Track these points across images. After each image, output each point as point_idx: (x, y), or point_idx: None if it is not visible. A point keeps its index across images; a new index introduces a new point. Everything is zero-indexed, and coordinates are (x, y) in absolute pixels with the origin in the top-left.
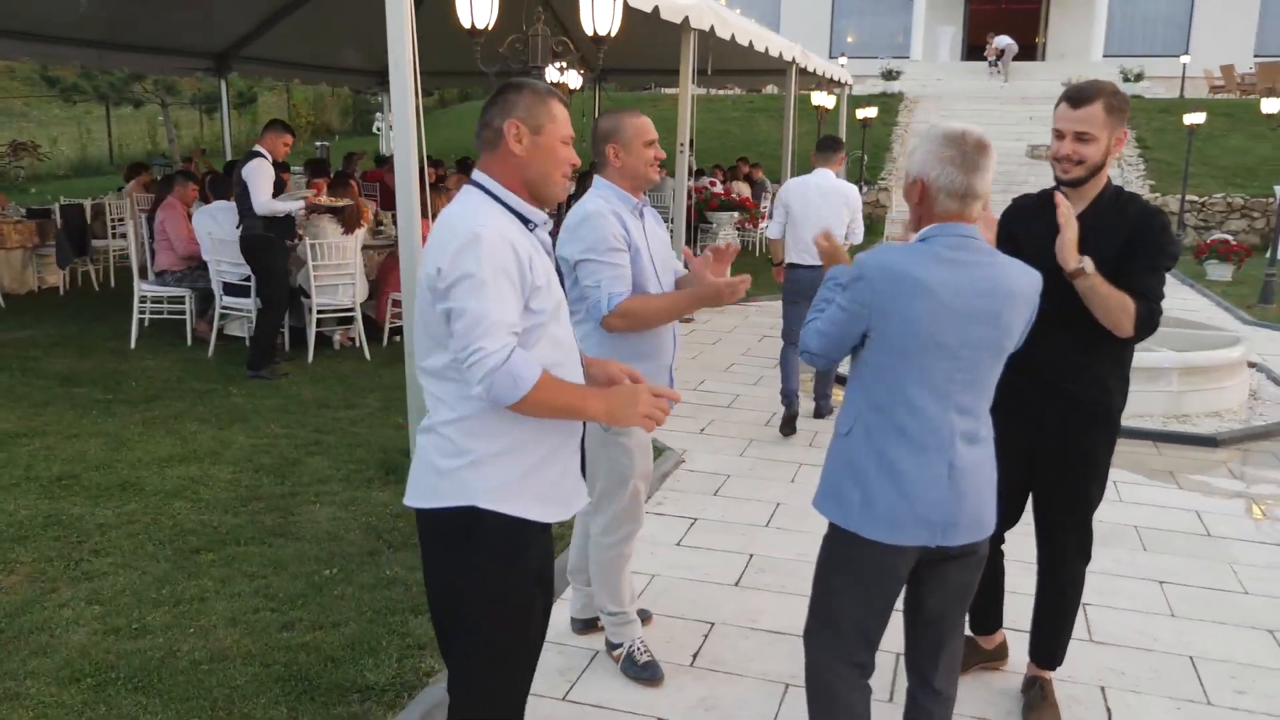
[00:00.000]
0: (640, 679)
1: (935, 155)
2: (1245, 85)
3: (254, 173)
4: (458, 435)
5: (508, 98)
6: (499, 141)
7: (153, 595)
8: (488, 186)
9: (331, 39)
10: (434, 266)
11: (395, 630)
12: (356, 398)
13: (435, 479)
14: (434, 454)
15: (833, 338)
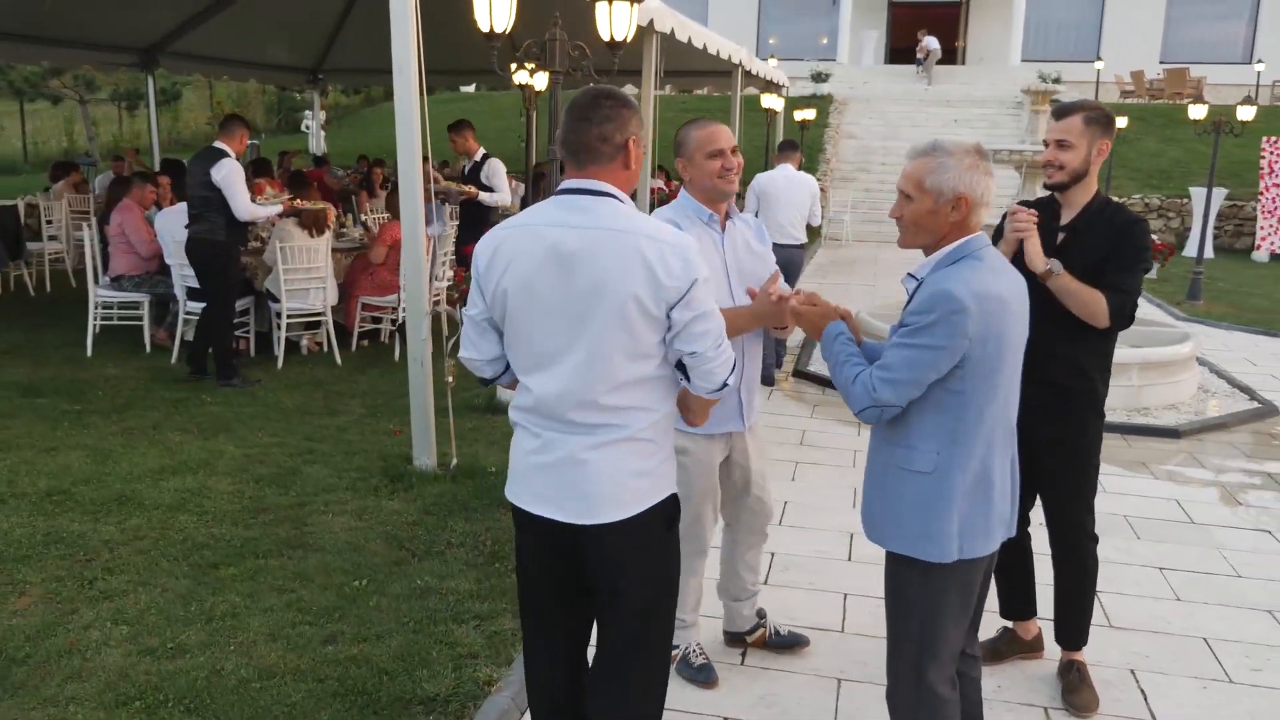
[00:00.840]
0: (695, 680)
1: (975, 169)
2: (1154, 90)
3: (233, 177)
4: (657, 435)
5: (622, 114)
6: (621, 156)
7: (180, 613)
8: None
9: (262, 35)
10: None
11: (442, 640)
12: (338, 404)
13: (636, 481)
14: (633, 460)
15: (918, 382)
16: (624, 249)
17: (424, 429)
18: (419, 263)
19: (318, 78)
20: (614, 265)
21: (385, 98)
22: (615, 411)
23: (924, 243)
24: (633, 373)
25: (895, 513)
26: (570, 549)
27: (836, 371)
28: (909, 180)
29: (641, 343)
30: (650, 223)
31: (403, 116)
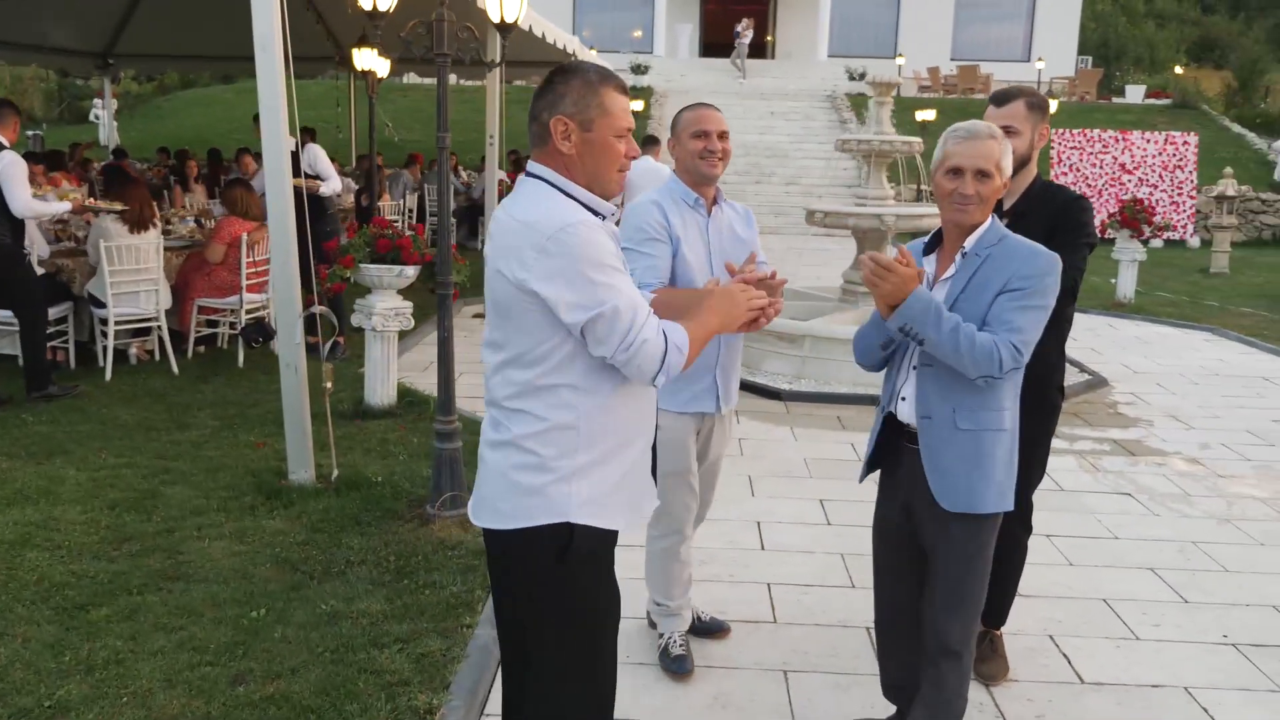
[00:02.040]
0: (669, 671)
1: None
2: (948, 85)
3: (10, 169)
4: (542, 449)
5: (555, 89)
6: (547, 138)
7: (52, 665)
8: (553, 180)
9: (41, 15)
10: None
11: (365, 668)
12: (186, 417)
13: (522, 497)
14: (516, 470)
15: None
16: (510, 235)
17: (300, 440)
18: (290, 261)
19: (108, 63)
20: (501, 253)
21: (181, 85)
22: (505, 411)
23: (983, 218)
24: (520, 373)
25: (989, 474)
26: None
27: (963, 335)
28: (988, 160)
29: (528, 337)
30: (535, 208)
31: (267, 99)
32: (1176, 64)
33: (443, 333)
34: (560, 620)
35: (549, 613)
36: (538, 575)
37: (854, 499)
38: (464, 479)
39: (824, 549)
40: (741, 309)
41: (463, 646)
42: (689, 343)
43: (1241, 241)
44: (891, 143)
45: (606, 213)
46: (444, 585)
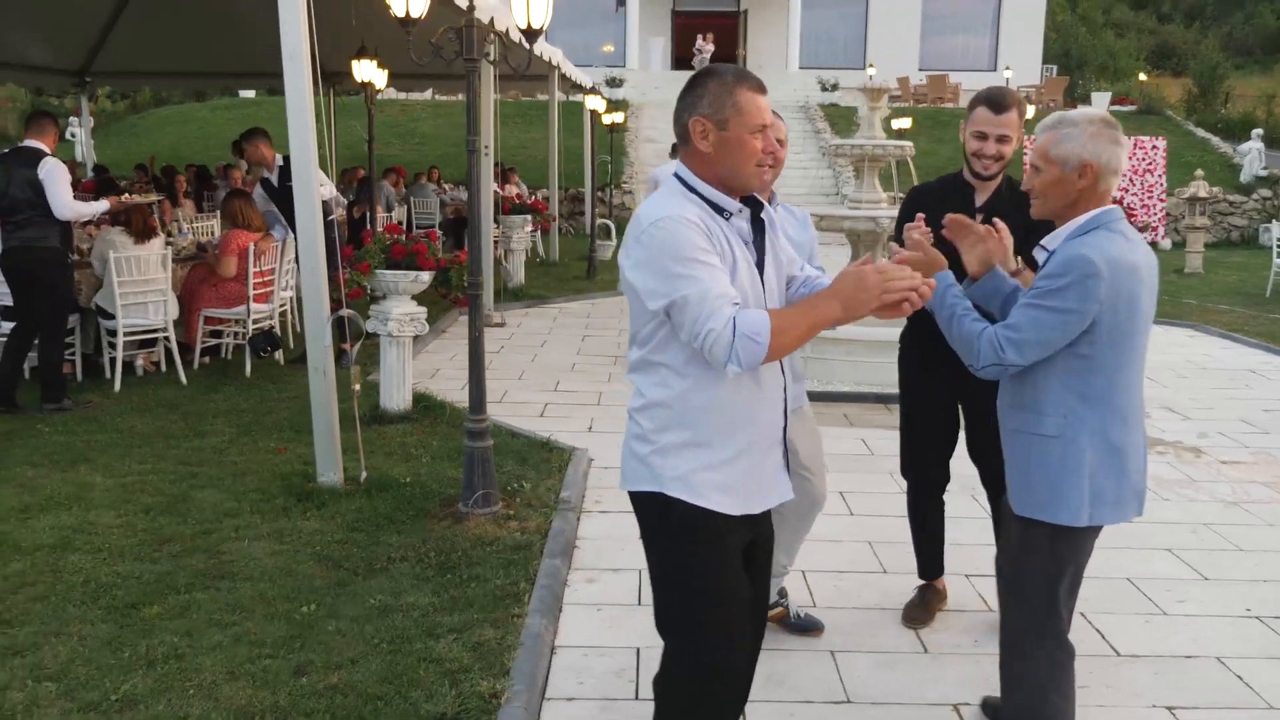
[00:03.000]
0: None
1: (1100, 137)
2: (918, 94)
3: (54, 172)
4: (645, 421)
5: (693, 91)
6: (688, 138)
7: (112, 661)
8: (685, 178)
9: (19, 33)
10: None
11: (424, 657)
12: (202, 425)
13: (632, 463)
14: (631, 439)
15: (1044, 344)
16: (628, 228)
17: (328, 443)
18: (318, 267)
19: (85, 81)
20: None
21: (154, 104)
22: (632, 386)
23: (1054, 211)
24: (635, 351)
25: (1025, 477)
26: None
27: (954, 324)
28: (1037, 152)
29: (637, 318)
30: (651, 204)
31: (295, 107)
32: (1140, 71)
33: (474, 332)
34: (662, 580)
35: (654, 569)
36: (646, 535)
37: (873, 491)
38: (495, 477)
39: (851, 538)
40: (874, 293)
41: (516, 635)
42: (778, 330)
43: (1211, 243)
44: (884, 147)
45: (732, 210)
46: (487, 579)
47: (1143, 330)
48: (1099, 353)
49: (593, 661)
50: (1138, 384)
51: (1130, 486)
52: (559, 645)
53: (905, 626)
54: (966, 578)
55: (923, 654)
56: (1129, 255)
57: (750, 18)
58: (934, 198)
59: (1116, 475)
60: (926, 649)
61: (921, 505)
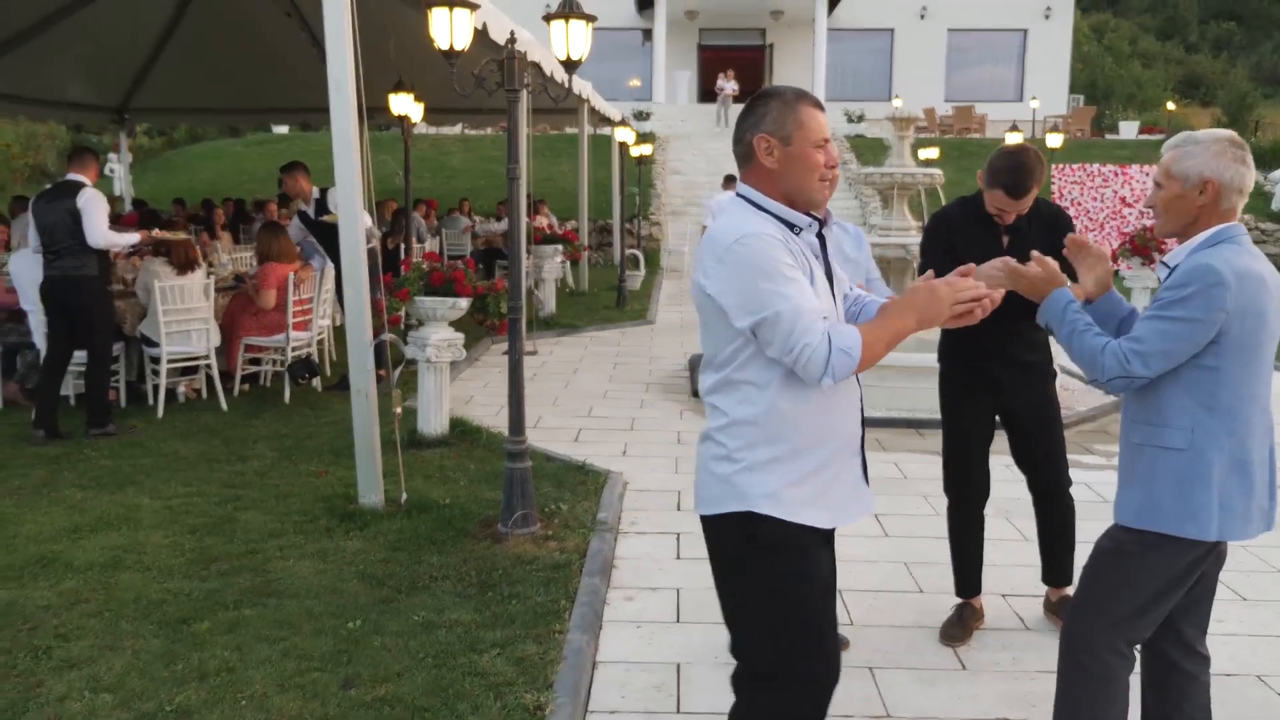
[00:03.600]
0: None
1: (1223, 155)
2: (944, 125)
3: (92, 203)
4: (730, 440)
5: (756, 110)
6: (752, 156)
7: (164, 674)
8: (751, 197)
9: (63, 72)
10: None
11: (469, 671)
12: (244, 450)
13: (715, 485)
14: (712, 461)
15: (1170, 354)
16: (702, 249)
17: (370, 465)
18: (361, 292)
19: (124, 118)
20: (696, 264)
21: (190, 140)
22: (708, 407)
23: (1176, 228)
24: (714, 373)
25: (1149, 490)
26: None
27: (1075, 339)
28: (1160, 168)
29: (716, 340)
30: (725, 224)
31: (340, 136)
32: (1168, 100)
33: (514, 355)
34: (749, 606)
35: (738, 597)
36: (728, 560)
37: (909, 514)
38: (534, 497)
39: (886, 559)
40: (945, 304)
41: (558, 650)
42: (867, 344)
43: None
44: (914, 175)
45: (803, 224)
46: (528, 596)
47: (1271, 345)
48: (1225, 364)
49: (634, 676)
50: (1265, 397)
51: (1256, 503)
52: (600, 660)
53: (943, 645)
54: (1003, 597)
55: (961, 670)
56: (1255, 266)
57: (776, 51)
58: (956, 218)
59: (1244, 489)
60: (965, 666)
61: (963, 521)
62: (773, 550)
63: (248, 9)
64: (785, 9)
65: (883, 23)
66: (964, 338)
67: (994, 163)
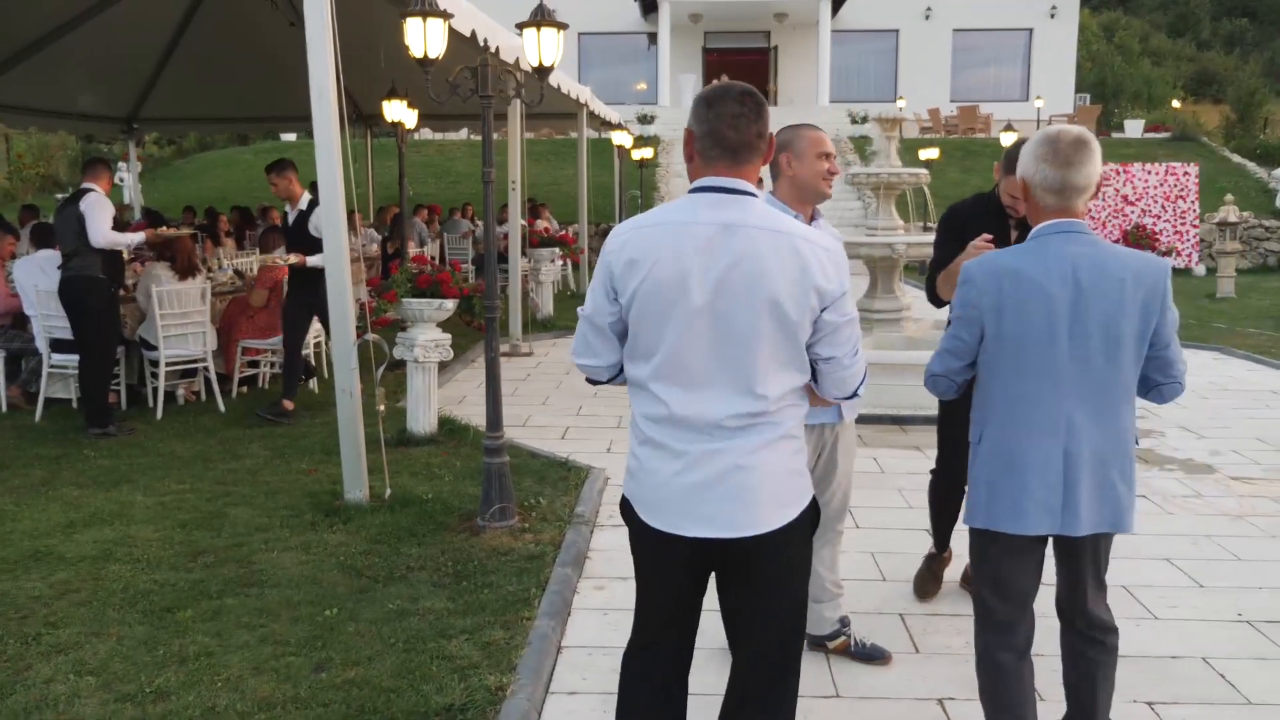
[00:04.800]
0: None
1: (1030, 154)
2: (949, 125)
3: (95, 205)
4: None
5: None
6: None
7: (147, 658)
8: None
9: (72, 83)
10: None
11: (436, 655)
12: (239, 449)
13: (797, 480)
14: (790, 459)
15: (948, 351)
16: (783, 249)
17: (355, 461)
18: (344, 294)
19: (133, 127)
20: (774, 266)
21: (199, 149)
22: (772, 412)
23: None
24: (793, 372)
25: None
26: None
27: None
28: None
29: (795, 343)
30: (800, 225)
31: (323, 144)
32: (1174, 98)
33: (490, 354)
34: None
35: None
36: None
37: (882, 506)
38: (512, 492)
39: (855, 548)
40: None
41: (524, 635)
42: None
43: (1246, 268)
44: (899, 175)
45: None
46: (500, 586)
47: (1048, 342)
48: (992, 360)
49: (597, 660)
50: (1052, 395)
51: (1032, 498)
52: (565, 645)
53: (917, 599)
54: (960, 585)
55: (914, 654)
56: (1013, 263)
57: (780, 53)
58: (969, 212)
59: (1017, 483)
60: (919, 649)
61: (947, 484)
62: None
63: (251, 19)
64: (789, 11)
65: (887, 24)
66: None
67: (1011, 153)
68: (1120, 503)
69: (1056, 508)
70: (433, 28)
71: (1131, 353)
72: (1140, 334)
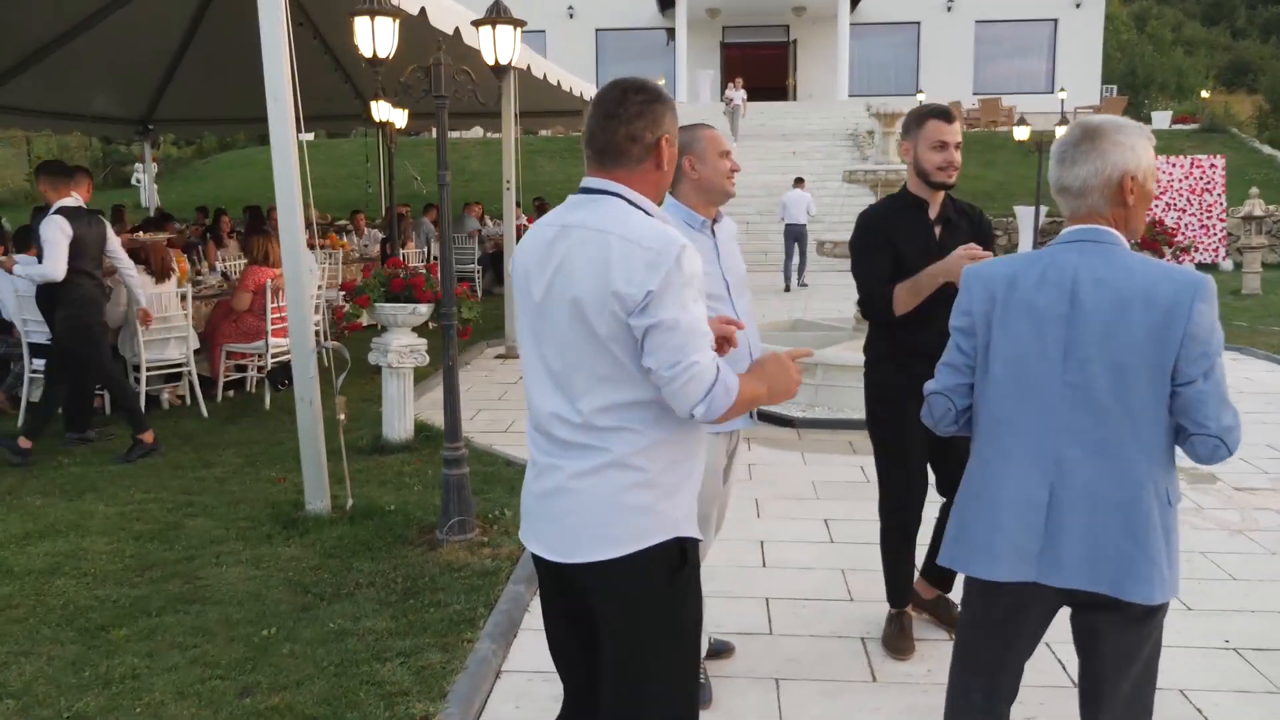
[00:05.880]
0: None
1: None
2: (970, 119)
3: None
4: (650, 464)
5: (655, 109)
6: (647, 157)
7: (72, 680)
8: (628, 196)
9: (86, 85)
10: (624, 286)
11: (367, 680)
12: (212, 456)
13: (634, 517)
14: (624, 491)
15: (952, 364)
16: (593, 250)
17: (315, 471)
18: (302, 300)
19: (148, 129)
20: (584, 267)
21: (219, 149)
22: (600, 433)
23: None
24: (614, 388)
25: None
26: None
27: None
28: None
29: (608, 354)
30: (634, 224)
31: (279, 149)
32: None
33: (447, 362)
34: (672, 640)
35: (662, 635)
36: (650, 598)
37: (858, 518)
38: (471, 503)
39: (825, 565)
40: (793, 385)
41: (462, 659)
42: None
43: (1274, 263)
44: (899, 172)
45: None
46: (448, 604)
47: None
48: (982, 379)
49: (536, 686)
50: (1039, 429)
51: (1009, 539)
52: (506, 670)
53: (895, 659)
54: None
55: (870, 683)
56: (1006, 270)
57: (799, 47)
58: (890, 215)
59: (989, 521)
60: (875, 678)
61: (901, 538)
62: (694, 576)
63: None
64: (808, 5)
65: (908, 16)
66: (903, 341)
67: (911, 112)
68: (1123, 563)
69: (1033, 552)
70: (381, 26)
71: (1146, 389)
72: (1155, 366)
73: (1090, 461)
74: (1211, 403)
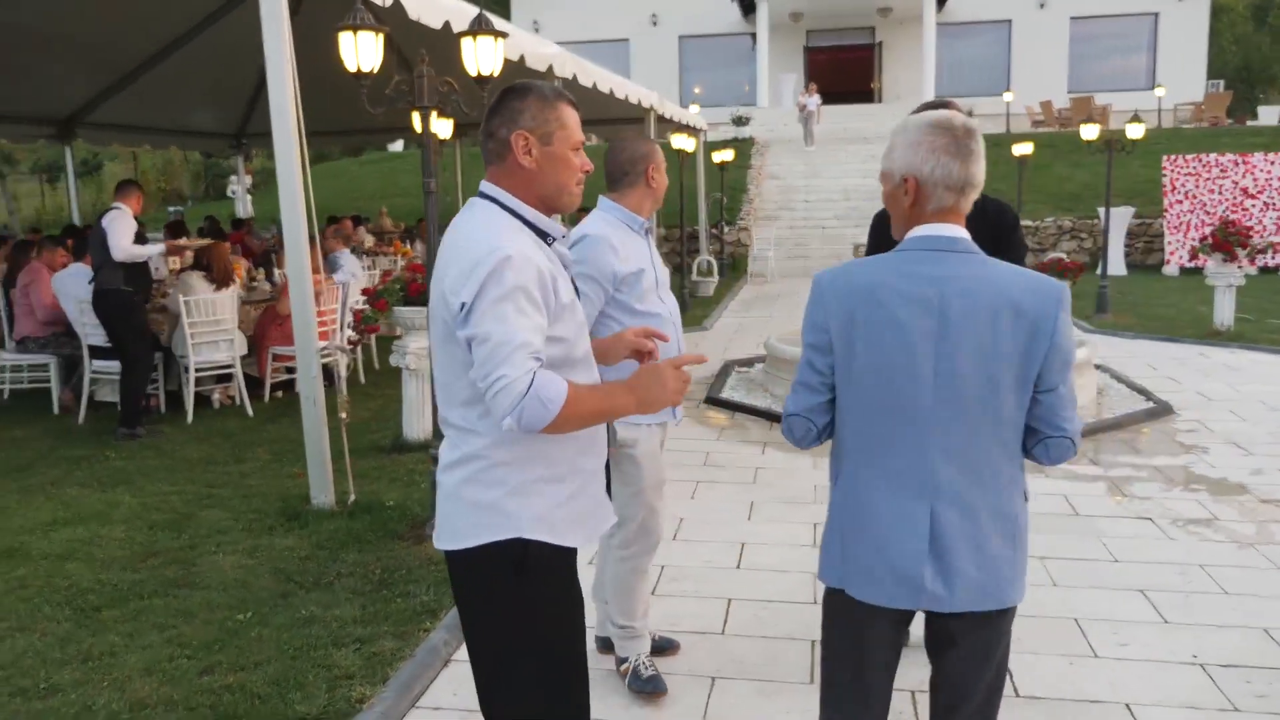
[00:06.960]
0: (644, 691)
1: (920, 145)
2: (1063, 118)
3: (115, 220)
4: (495, 463)
5: (512, 105)
6: (506, 154)
7: (57, 655)
8: (500, 199)
9: (183, 101)
10: (450, 292)
11: (319, 664)
12: (244, 452)
13: (476, 513)
14: (469, 487)
15: (807, 383)
16: (445, 254)
17: (320, 467)
18: (306, 302)
19: (241, 143)
20: (439, 271)
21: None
22: (458, 430)
23: (899, 233)
24: (462, 388)
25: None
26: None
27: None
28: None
29: (460, 355)
30: (471, 230)
31: (283, 158)
32: None
33: None
34: (521, 641)
35: (508, 634)
36: (496, 592)
37: None
38: None
39: (800, 569)
40: (670, 394)
41: (413, 648)
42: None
43: None
44: None
45: (557, 235)
46: (416, 595)
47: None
48: (842, 394)
49: None
50: (914, 448)
51: (888, 565)
52: (457, 659)
53: None
54: None
55: (808, 684)
56: (865, 277)
57: (885, 49)
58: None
59: (872, 546)
60: (814, 679)
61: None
62: (546, 581)
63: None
64: (894, 6)
65: (999, 14)
66: None
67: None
68: (1002, 571)
69: (919, 580)
70: (364, 41)
71: (1013, 398)
72: (1021, 378)
73: (970, 479)
74: (1068, 406)
